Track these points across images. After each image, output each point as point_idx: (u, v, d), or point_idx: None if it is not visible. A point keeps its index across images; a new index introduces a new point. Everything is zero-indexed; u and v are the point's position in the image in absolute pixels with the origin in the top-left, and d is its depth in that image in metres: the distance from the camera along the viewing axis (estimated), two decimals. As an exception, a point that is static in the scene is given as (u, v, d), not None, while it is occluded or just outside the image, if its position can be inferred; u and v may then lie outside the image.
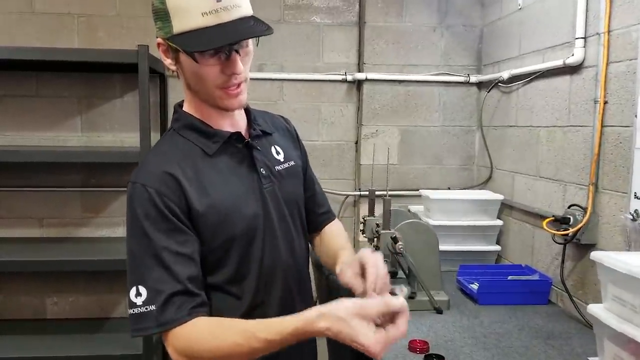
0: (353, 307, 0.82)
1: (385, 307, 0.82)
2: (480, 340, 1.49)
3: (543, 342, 1.48)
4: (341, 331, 0.81)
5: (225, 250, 1.00)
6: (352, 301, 0.83)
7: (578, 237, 1.60)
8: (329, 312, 0.83)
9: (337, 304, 0.83)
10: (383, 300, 0.83)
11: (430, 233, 1.76)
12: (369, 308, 0.82)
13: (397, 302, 0.83)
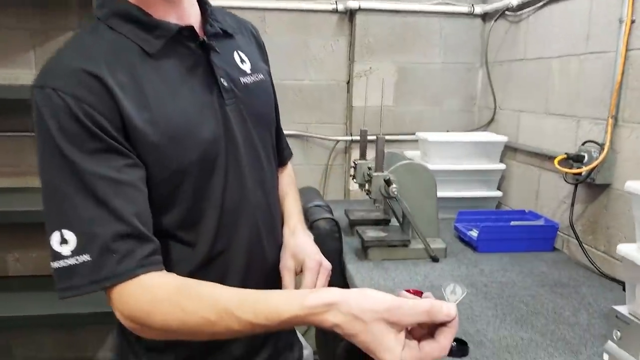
0: (382, 306, 0.60)
1: (428, 317, 0.60)
2: (480, 289, 1.35)
3: (550, 291, 1.34)
4: (356, 335, 0.61)
5: (174, 185, 0.76)
6: (383, 297, 0.62)
7: (593, 176, 1.44)
8: (346, 304, 0.61)
9: (362, 296, 0.62)
10: (429, 305, 0.61)
11: (428, 175, 1.60)
12: (404, 313, 0.60)
13: (446, 311, 0.61)
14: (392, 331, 0.60)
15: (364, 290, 0.63)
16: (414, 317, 0.61)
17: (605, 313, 1.22)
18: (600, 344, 1.07)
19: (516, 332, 1.12)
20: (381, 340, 0.60)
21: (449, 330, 0.61)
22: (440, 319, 0.61)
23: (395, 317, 0.60)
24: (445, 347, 0.61)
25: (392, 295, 0.62)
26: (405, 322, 0.61)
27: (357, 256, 1.57)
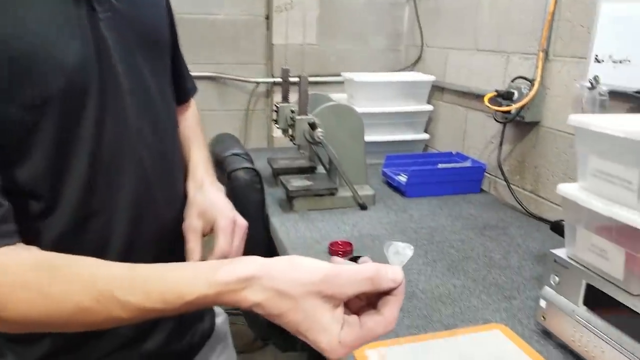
0: (314, 277, 0.48)
1: (372, 285, 0.49)
2: (411, 236, 1.28)
3: (479, 234, 1.30)
4: (283, 315, 0.48)
5: (27, 127, 0.58)
6: (315, 266, 0.50)
7: (522, 114, 1.39)
8: (268, 277, 0.49)
9: (288, 266, 0.50)
10: (373, 270, 0.49)
11: (355, 118, 1.49)
12: (342, 284, 0.49)
13: (392, 276, 0.50)
14: (328, 307, 0.49)
15: (292, 258, 0.51)
16: (355, 287, 0.49)
17: (535, 254, 1.19)
18: (533, 287, 1.04)
19: (448, 279, 1.07)
20: (314, 318, 0.48)
21: (394, 300, 0.51)
22: (385, 286, 0.50)
23: (332, 289, 0.48)
24: (392, 320, 0.51)
25: (325, 262, 0.51)
26: (344, 294, 0.49)
27: (282, 208, 1.46)
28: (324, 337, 0.49)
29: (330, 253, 1.18)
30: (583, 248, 0.80)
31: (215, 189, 0.82)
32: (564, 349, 0.83)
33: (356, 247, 1.20)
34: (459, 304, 0.97)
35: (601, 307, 0.77)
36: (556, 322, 0.83)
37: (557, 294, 0.84)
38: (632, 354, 0.70)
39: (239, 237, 0.77)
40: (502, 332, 0.88)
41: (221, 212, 0.77)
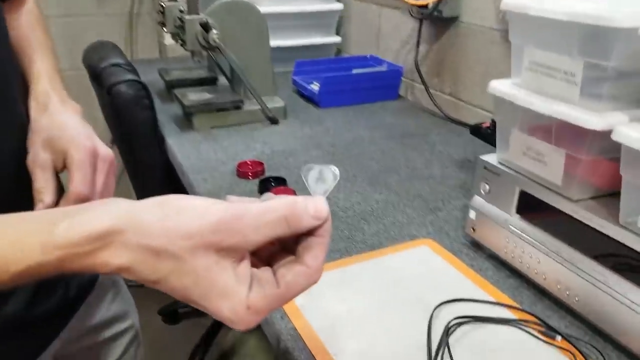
0: (203, 223, 0.35)
1: (288, 227, 0.37)
2: (327, 151, 1.17)
3: (399, 143, 1.21)
4: (163, 280, 0.35)
5: None
6: (204, 207, 0.36)
7: (440, 8, 1.27)
8: (134, 230, 0.35)
9: (164, 211, 0.36)
10: (287, 206, 0.37)
11: (257, 17, 1.30)
12: (245, 229, 0.36)
13: (313, 211, 0.37)
14: (227, 263, 0.36)
15: (168, 199, 0.36)
16: (264, 233, 0.36)
17: (457, 161, 1.12)
18: (458, 197, 0.97)
19: (370, 194, 0.97)
20: (209, 281, 0.35)
21: (318, 242, 0.38)
22: (306, 226, 0.37)
23: (231, 238, 0.35)
24: (317, 269, 0.38)
25: (218, 201, 0.37)
26: (248, 243, 0.36)
27: (180, 127, 1.28)
28: (226, 304, 0.36)
29: (238, 175, 1.04)
30: (517, 152, 0.72)
31: (67, 110, 0.63)
32: (496, 260, 0.77)
33: (268, 166, 1.07)
34: (382, 221, 0.88)
35: (536, 215, 0.71)
36: (487, 233, 0.77)
37: (488, 203, 0.77)
38: (570, 262, 0.64)
39: (102, 173, 0.61)
40: (430, 247, 0.81)
41: (74, 141, 0.60)
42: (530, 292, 0.70)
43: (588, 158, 0.62)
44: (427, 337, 0.62)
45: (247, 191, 0.98)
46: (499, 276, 0.74)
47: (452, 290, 0.70)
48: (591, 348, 0.61)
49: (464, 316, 0.65)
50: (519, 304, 0.68)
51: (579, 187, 0.65)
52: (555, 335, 0.62)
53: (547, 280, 0.67)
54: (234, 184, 1.01)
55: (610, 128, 0.57)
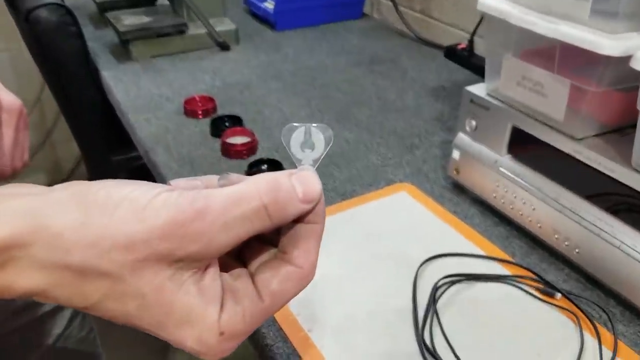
0: (146, 230, 0.24)
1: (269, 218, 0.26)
2: (288, 82, 1.04)
3: (367, 70, 1.09)
4: (96, 306, 0.25)
5: None
6: (144, 199, 0.25)
7: None
8: (46, 243, 0.24)
9: (88, 212, 0.24)
10: (267, 188, 0.26)
11: None
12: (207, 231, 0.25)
13: (302, 193, 0.27)
14: (186, 277, 0.26)
15: (90, 189, 0.25)
16: (236, 232, 0.26)
17: (432, 89, 1.02)
18: (435, 131, 0.87)
19: (339, 133, 0.87)
20: (163, 305, 0.25)
21: (311, 232, 0.28)
22: (293, 214, 0.27)
23: (191, 244, 0.25)
24: (311, 268, 0.29)
25: (164, 187, 0.26)
26: (215, 248, 0.25)
27: (115, 56, 1.11)
28: (191, 333, 0.26)
29: (186, 114, 0.91)
30: (510, 82, 0.62)
31: None
32: (483, 206, 0.69)
33: (220, 102, 0.94)
34: (355, 164, 0.78)
35: (531, 155, 0.62)
36: (473, 176, 0.68)
37: (474, 142, 0.68)
38: (570, 210, 0.57)
39: (9, 127, 0.48)
40: (409, 193, 0.72)
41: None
42: (522, 242, 0.63)
43: (598, 90, 0.53)
44: (413, 306, 0.54)
45: (197, 132, 0.86)
46: (486, 224, 0.66)
47: (436, 243, 0.62)
48: (593, 305, 0.54)
49: (452, 275, 0.57)
50: (510, 256, 0.61)
51: (583, 123, 0.56)
52: (555, 292, 0.55)
53: (543, 229, 0.60)
54: (181, 125, 0.88)
55: (629, 54, 0.48)
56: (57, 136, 1.91)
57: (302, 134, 0.29)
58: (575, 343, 0.50)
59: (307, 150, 0.29)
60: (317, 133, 0.29)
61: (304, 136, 0.29)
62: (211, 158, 0.80)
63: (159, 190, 0.25)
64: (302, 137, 0.29)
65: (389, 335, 0.51)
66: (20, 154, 0.52)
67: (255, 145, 0.81)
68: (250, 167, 0.76)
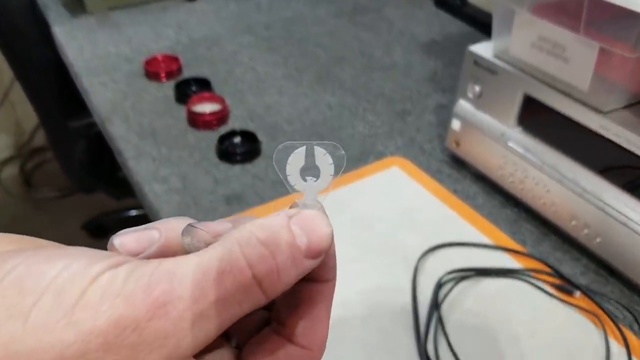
0: (85, 333, 0.15)
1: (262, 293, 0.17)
2: (261, 36, 0.93)
3: (350, 22, 0.98)
4: None
5: None
6: (86, 278, 0.15)
7: None
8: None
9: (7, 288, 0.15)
10: (254, 254, 0.17)
11: None
12: (179, 318, 0.16)
13: (307, 244, 0.18)
14: None
15: (5, 265, 0.16)
16: (213, 323, 0.17)
17: (422, 43, 0.92)
18: (428, 93, 0.78)
19: (320, 97, 0.77)
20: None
21: (317, 294, 0.20)
22: (295, 275, 0.18)
23: (151, 355, 0.15)
24: (322, 345, 0.20)
25: (106, 254, 0.17)
26: (182, 353, 0.16)
27: (68, 9, 0.98)
28: None
29: (147, 76, 0.80)
30: (523, 43, 0.53)
31: None
32: (486, 183, 0.61)
33: (186, 61, 0.83)
34: (339, 135, 0.69)
35: (545, 128, 0.54)
36: (477, 150, 0.60)
37: (478, 111, 0.59)
38: (592, 194, 0.49)
39: None
40: (402, 168, 0.64)
41: None
42: (532, 227, 0.56)
43: (632, 55, 0.44)
44: (413, 309, 0.47)
45: (159, 98, 0.75)
46: (491, 205, 0.59)
47: (436, 230, 0.55)
48: (615, 304, 0.48)
49: (457, 270, 0.50)
50: (521, 244, 0.53)
51: (611, 93, 0.47)
52: (573, 290, 0.48)
53: (558, 214, 0.53)
54: (141, 89, 0.77)
55: (677, 11, 0.39)
56: (16, 95, 1.75)
57: (302, 157, 0.20)
58: (600, 351, 0.44)
59: (309, 179, 0.20)
60: (323, 155, 0.20)
61: (305, 159, 0.20)
62: (176, 129, 0.70)
63: (98, 268, 0.16)
64: (302, 161, 0.20)
65: (386, 346, 0.44)
66: None
67: (226, 113, 0.71)
68: (221, 140, 0.66)
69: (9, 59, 1.08)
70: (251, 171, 0.63)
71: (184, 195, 0.59)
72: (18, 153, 1.82)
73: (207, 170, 0.63)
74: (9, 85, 1.73)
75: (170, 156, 0.65)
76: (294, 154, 0.20)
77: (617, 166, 0.49)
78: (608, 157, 0.49)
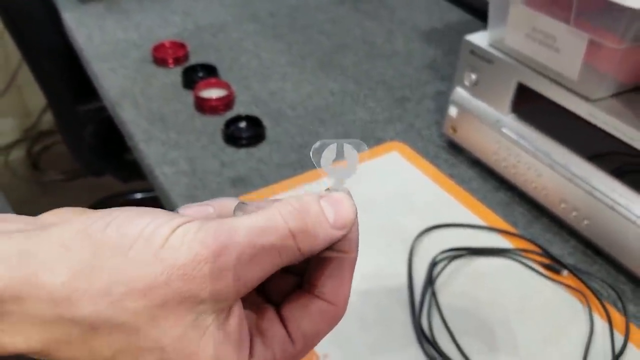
0: (167, 268, 0.20)
1: (298, 250, 0.22)
2: (266, 23, 0.95)
3: (353, 9, 1.00)
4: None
5: None
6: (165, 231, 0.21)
7: None
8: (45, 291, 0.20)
9: (94, 242, 0.20)
10: (292, 216, 0.22)
11: None
12: (237, 258, 0.21)
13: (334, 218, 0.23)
14: (209, 321, 0.21)
15: (93, 225, 0.21)
16: (262, 266, 0.22)
17: (423, 32, 0.94)
18: (427, 80, 0.81)
19: (323, 83, 0.79)
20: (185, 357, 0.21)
21: (343, 262, 0.25)
22: (323, 243, 0.23)
23: (214, 283, 0.21)
24: (344, 303, 0.25)
25: (178, 216, 0.22)
26: (241, 285, 0.22)
27: (75, -5, 1.00)
28: None
29: (155, 62, 0.82)
30: (517, 33, 0.55)
31: None
32: (481, 168, 0.64)
33: (193, 47, 0.85)
34: (341, 120, 0.72)
35: (538, 116, 0.56)
36: (472, 136, 0.62)
37: (474, 98, 0.62)
38: (582, 178, 0.52)
39: None
40: (401, 153, 0.66)
41: None
42: (524, 210, 0.59)
43: (619, 47, 0.47)
44: (408, 285, 0.50)
45: (167, 84, 0.78)
46: (485, 189, 0.61)
47: (432, 212, 0.57)
48: (601, 283, 0.51)
49: (451, 249, 0.53)
50: (512, 226, 0.56)
51: (600, 82, 0.50)
52: (561, 269, 0.51)
53: (549, 198, 0.55)
54: (150, 75, 0.80)
55: (662, 5, 0.41)
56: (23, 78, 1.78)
57: (334, 152, 0.25)
58: (584, 326, 0.47)
59: (338, 168, 0.25)
60: (350, 150, 0.25)
61: (334, 152, 0.25)
62: (184, 114, 0.72)
63: (176, 222, 0.21)
64: (334, 155, 0.25)
65: (382, 321, 0.47)
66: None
67: (231, 99, 0.74)
68: (227, 125, 0.69)
69: (19, 44, 1.11)
70: (256, 155, 0.66)
71: (192, 177, 0.62)
72: (25, 136, 1.85)
73: (213, 153, 0.66)
74: (16, 70, 1.76)
75: (179, 140, 0.67)
76: (326, 148, 0.25)
77: (606, 152, 0.51)
78: (597, 144, 0.51)
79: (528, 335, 0.46)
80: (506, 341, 0.46)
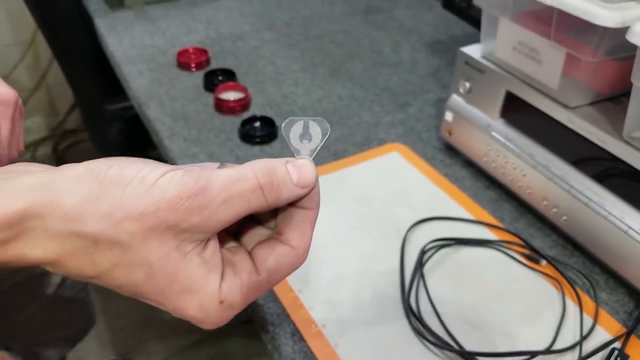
0: (155, 201, 0.26)
1: (264, 199, 0.29)
2: (282, 32, 1.02)
3: (363, 20, 1.06)
4: (104, 275, 0.27)
5: None
6: (152, 176, 0.27)
7: None
8: (58, 214, 0.26)
9: (100, 185, 0.27)
10: (263, 172, 0.29)
11: None
12: (209, 204, 0.27)
13: (298, 179, 0.30)
14: (190, 248, 0.28)
15: (101, 166, 0.27)
16: (235, 208, 0.28)
17: (428, 42, 1.00)
18: (430, 88, 0.87)
19: (332, 88, 0.86)
20: (169, 274, 0.27)
21: (305, 216, 0.31)
22: (287, 197, 0.30)
23: (195, 216, 0.27)
24: (305, 249, 0.32)
25: (170, 166, 0.28)
26: (216, 220, 0.28)
27: (109, 3, 1.08)
28: (192, 300, 0.28)
29: (179, 66, 0.90)
30: (506, 46, 0.61)
31: None
32: (474, 168, 0.69)
33: (214, 53, 0.92)
34: (347, 122, 0.78)
35: (524, 121, 0.62)
36: (466, 138, 0.68)
37: (468, 104, 0.67)
38: (560, 178, 0.57)
39: (5, 119, 0.48)
40: (401, 153, 0.72)
41: None
42: (511, 206, 0.64)
43: (594, 59, 0.52)
44: (400, 269, 0.56)
45: (190, 86, 0.85)
46: (477, 187, 0.67)
47: (426, 207, 0.63)
48: (577, 273, 0.56)
49: (440, 239, 0.59)
50: (499, 221, 0.62)
51: (577, 91, 0.55)
52: (540, 259, 0.56)
53: (533, 196, 0.61)
54: (174, 78, 0.87)
55: (626, 25, 0.47)
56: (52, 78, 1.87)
57: (300, 127, 0.31)
58: (557, 309, 0.52)
59: (305, 142, 0.31)
60: (314, 126, 0.31)
61: (302, 129, 0.31)
62: (204, 114, 0.79)
63: (165, 169, 0.27)
64: (300, 130, 0.31)
65: (375, 298, 0.53)
66: (16, 144, 0.53)
67: (248, 101, 0.81)
68: (243, 124, 0.76)
69: (52, 46, 1.19)
70: (268, 152, 0.72)
71: (210, 170, 0.69)
72: (52, 134, 1.94)
73: (230, 149, 0.72)
74: (46, 69, 1.85)
75: (199, 137, 0.74)
76: (295, 125, 0.31)
77: (584, 156, 0.57)
78: (576, 147, 0.57)
79: (506, 315, 0.52)
80: (485, 320, 0.51)
